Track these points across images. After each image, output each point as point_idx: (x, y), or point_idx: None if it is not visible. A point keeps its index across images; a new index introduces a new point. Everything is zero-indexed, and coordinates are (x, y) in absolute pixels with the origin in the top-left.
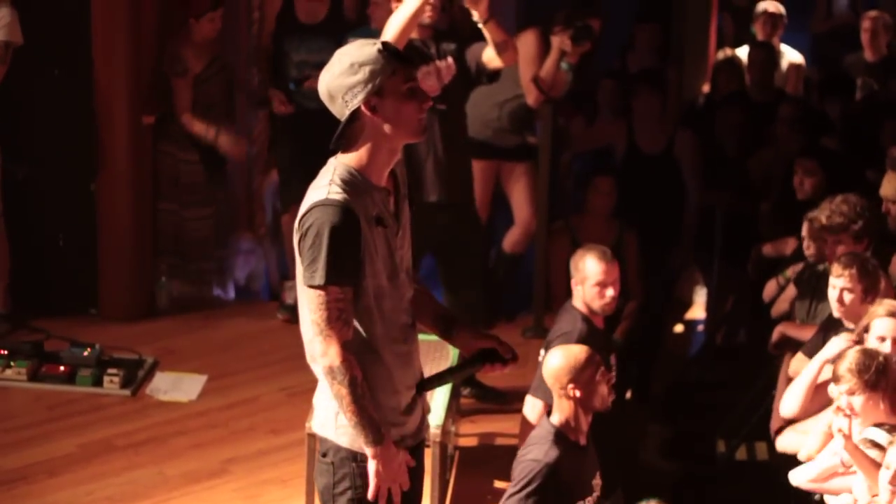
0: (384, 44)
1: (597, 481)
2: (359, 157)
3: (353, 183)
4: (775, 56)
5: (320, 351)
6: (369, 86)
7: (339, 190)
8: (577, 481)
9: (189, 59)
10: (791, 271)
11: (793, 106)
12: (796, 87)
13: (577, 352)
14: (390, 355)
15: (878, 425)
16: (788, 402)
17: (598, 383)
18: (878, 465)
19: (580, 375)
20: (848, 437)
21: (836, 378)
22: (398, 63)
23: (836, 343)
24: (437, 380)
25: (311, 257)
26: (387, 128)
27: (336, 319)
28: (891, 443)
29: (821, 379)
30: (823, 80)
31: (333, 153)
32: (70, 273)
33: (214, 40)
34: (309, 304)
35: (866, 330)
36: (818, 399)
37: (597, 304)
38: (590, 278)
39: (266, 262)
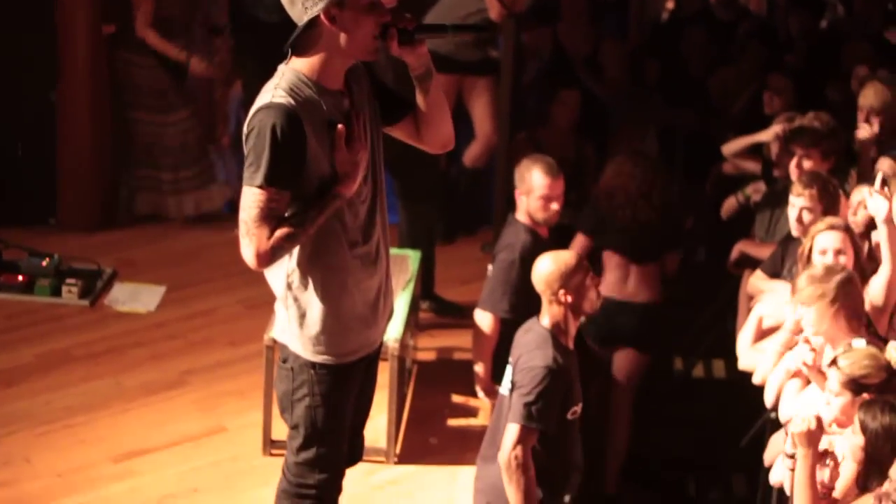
0: None
1: (579, 386)
2: (311, 64)
3: (300, 88)
4: None
5: (246, 252)
6: None
7: (284, 94)
8: (572, 385)
9: None
10: (751, 189)
11: (753, 23)
12: (759, 5)
13: (567, 258)
14: (347, 258)
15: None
16: (745, 358)
17: (587, 288)
18: None
19: (570, 281)
20: (812, 368)
21: (796, 293)
22: None
23: (773, 303)
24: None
25: (252, 158)
26: (343, 39)
27: (265, 219)
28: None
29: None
30: None
31: (286, 56)
32: (28, 182)
33: None
34: (243, 202)
35: (810, 249)
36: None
37: (541, 216)
38: (535, 190)
39: (227, 173)
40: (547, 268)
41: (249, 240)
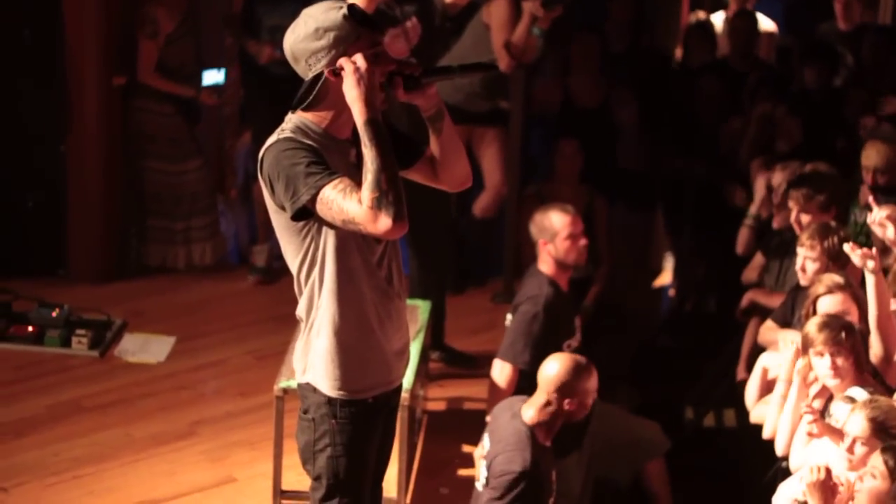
0: (350, 8)
1: (553, 478)
2: (321, 117)
3: (307, 133)
4: (756, 25)
5: (378, 227)
6: (333, 52)
7: (290, 133)
8: (548, 480)
9: (160, 20)
10: (754, 208)
11: (761, 74)
12: (768, 56)
13: (575, 365)
14: (370, 289)
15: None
16: (755, 412)
17: (587, 394)
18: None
19: (573, 390)
20: (818, 415)
21: (809, 344)
22: (363, 29)
23: (775, 355)
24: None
25: (286, 186)
26: None
27: (349, 196)
28: (853, 410)
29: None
30: (805, 47)
31: (294, 111)
32: (39, 234)
33: None
34: (326, 215)
35: (814, 311)
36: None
37: (572, 257)
38: (560, 232)
39: (235, 224)
40: (554, 370)
41: (367, 214)
